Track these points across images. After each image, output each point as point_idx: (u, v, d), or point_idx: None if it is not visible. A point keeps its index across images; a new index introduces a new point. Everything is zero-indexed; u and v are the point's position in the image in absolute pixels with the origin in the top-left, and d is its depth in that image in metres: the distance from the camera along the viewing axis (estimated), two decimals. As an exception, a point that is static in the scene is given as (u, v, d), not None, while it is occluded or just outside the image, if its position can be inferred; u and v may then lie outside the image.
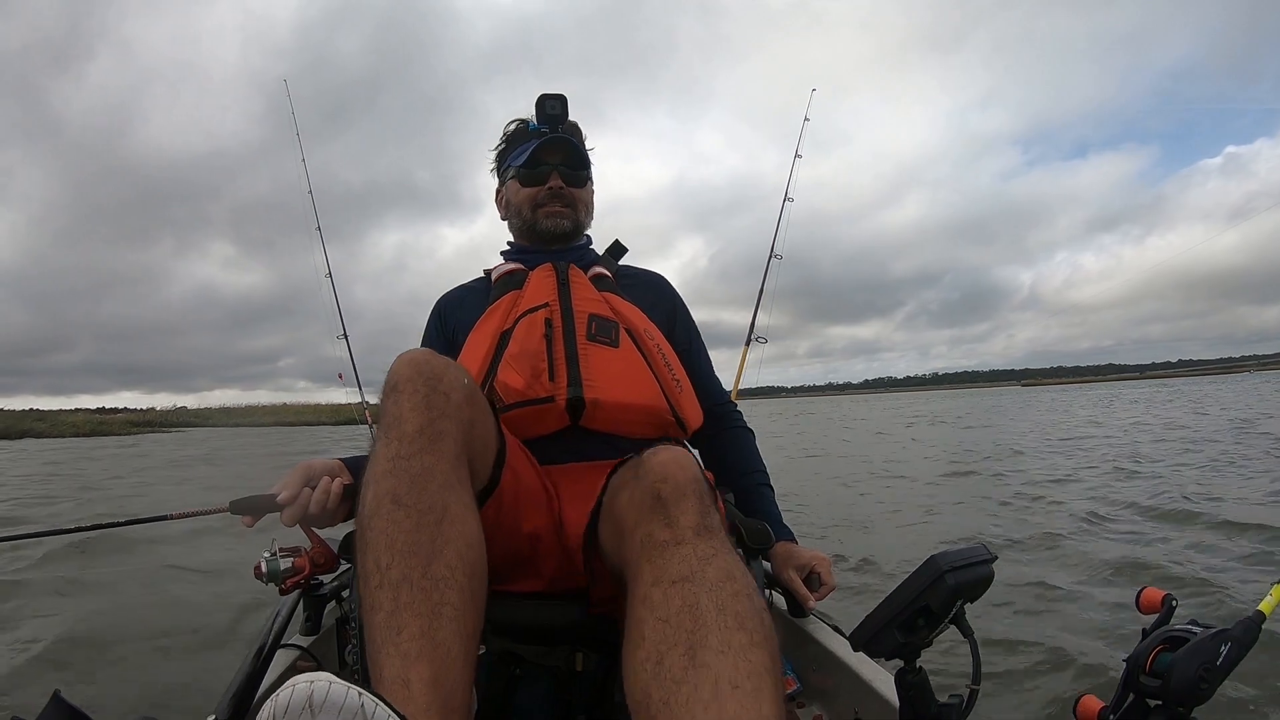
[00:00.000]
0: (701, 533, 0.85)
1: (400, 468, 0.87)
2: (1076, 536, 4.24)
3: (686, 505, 0.87)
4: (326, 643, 1.57)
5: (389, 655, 0.74)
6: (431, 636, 0.75)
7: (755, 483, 1.51)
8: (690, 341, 1.59)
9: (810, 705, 1.44)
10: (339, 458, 1.25)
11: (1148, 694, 0.79)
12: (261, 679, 1.17)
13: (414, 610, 0.77)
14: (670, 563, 0.82)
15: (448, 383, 0.95)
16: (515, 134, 1.59)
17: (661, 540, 0.84)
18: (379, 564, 0.80)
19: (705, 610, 0.76)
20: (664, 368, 1.35)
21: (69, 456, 18.64)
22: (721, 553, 0.83)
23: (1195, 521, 4.43)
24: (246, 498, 1.15)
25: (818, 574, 1.36)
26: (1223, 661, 0.79)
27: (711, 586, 0.78)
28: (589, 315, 1.36)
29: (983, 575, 0.88)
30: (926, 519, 5.26)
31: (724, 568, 0.81)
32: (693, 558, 0.82)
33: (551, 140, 1.50)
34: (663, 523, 0.86)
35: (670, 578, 0.80)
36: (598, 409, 1.27)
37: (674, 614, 0.76)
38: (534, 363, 1.27)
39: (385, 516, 0.83)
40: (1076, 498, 5.55)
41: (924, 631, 0.88)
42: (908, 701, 0.92)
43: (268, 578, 1.20)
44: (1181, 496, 5.26)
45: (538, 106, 1.51)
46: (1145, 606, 0.88)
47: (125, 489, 9.95)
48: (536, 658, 1.18)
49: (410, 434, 0.89)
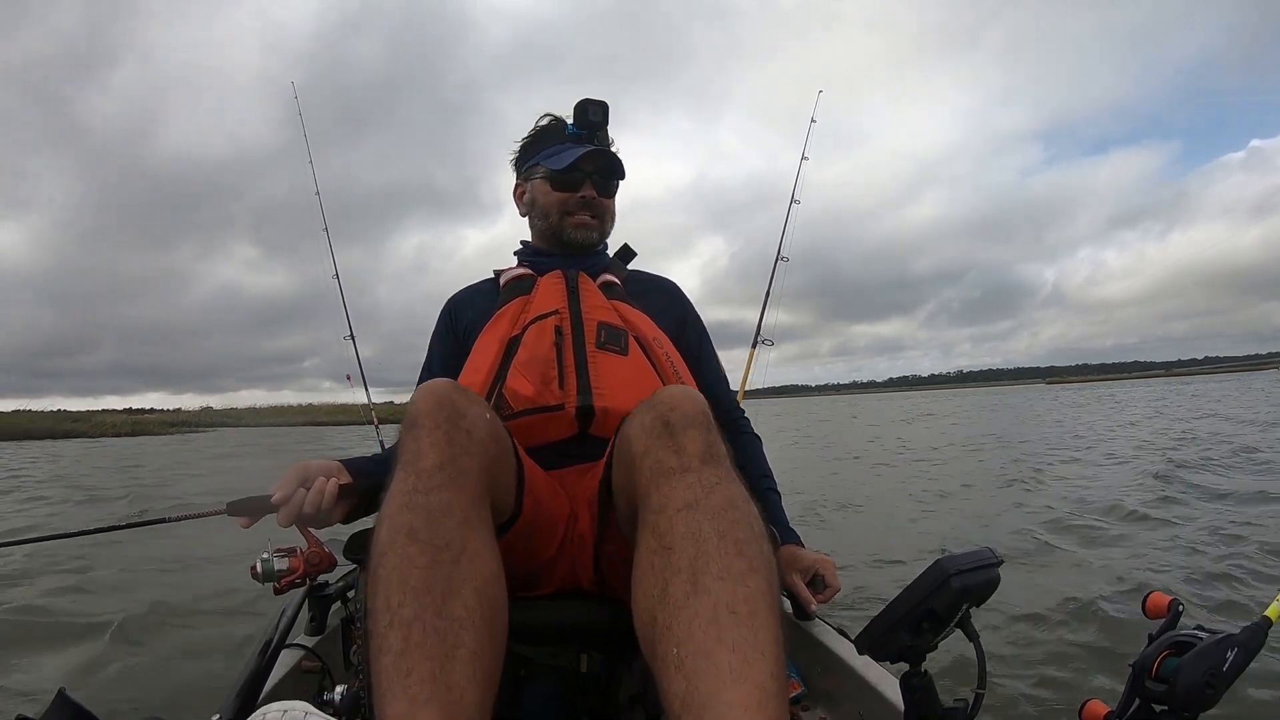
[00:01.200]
0: (707, 460, 0.87)
1: (416, 502, 0.84)
2: (1084, 541, 4.23)
3: (693, 434, 0.89)
4: (331, 643, 1.58)
5: (395, 699, 0.69)
6: (444, 680, 0.71)
7: (762, 487, 1.51)
8: (700, 347, 1.59)
9: (815, 708, 1.44)
10: (339, 459, 1.25)
11: (1154, 699, 0.79)
12: (266, 679, 1.17)
13: (425, 651, 0.72)
14: (676, 489, 0.84)
15: (471, 419, 0.93)
16: (548, 131, 1.55)
17: (669, 467, 0.87)
18: (389, 602, 0.76)
19: (707, 537, 0.79)
20: (673, 376, 1.34)
21: (136, 453, 19.80)
22: (725, 481, 0.86)
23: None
24: (243, 499, 1.15)
25: (822, 576, 1.36)
26: (1229, 667, 0.78)
27: (714, 513, 0.81)
28: (598, 323, 1.35)
29: (989, 579, 0.88)
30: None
31: (727, 495, 0.84)
32: (697, 485, 0.84)
33: (596, 151, 1.47)
34: (670, 449, 0.88)
35: (675, 505, 0.83)
36: (607, 417, 1.26)
37: (678, 541, 0.79)
38: (544, 370, 1.27)
39: (399, 553, 0.79)
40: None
41: (929, 635, 0.88)
42: (913, 705, 0.92)
43: (263, 578, 1.20)
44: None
45: (578, 111, 1.48)
46: (1151, 611, 0.88)
47: (245, 477, 11.05)
48: (541, 658, 1.18)
49: (429, 469, 0.87)
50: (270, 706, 0.58)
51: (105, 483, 10.83)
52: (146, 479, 11.40)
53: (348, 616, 1.50)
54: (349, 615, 1.49)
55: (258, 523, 1.18)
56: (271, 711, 0.58)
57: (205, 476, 11.75)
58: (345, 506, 1.19)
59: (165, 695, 2.42)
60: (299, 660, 1.44)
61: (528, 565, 1.12)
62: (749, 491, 0.88)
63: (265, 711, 0.58)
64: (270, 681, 1.19)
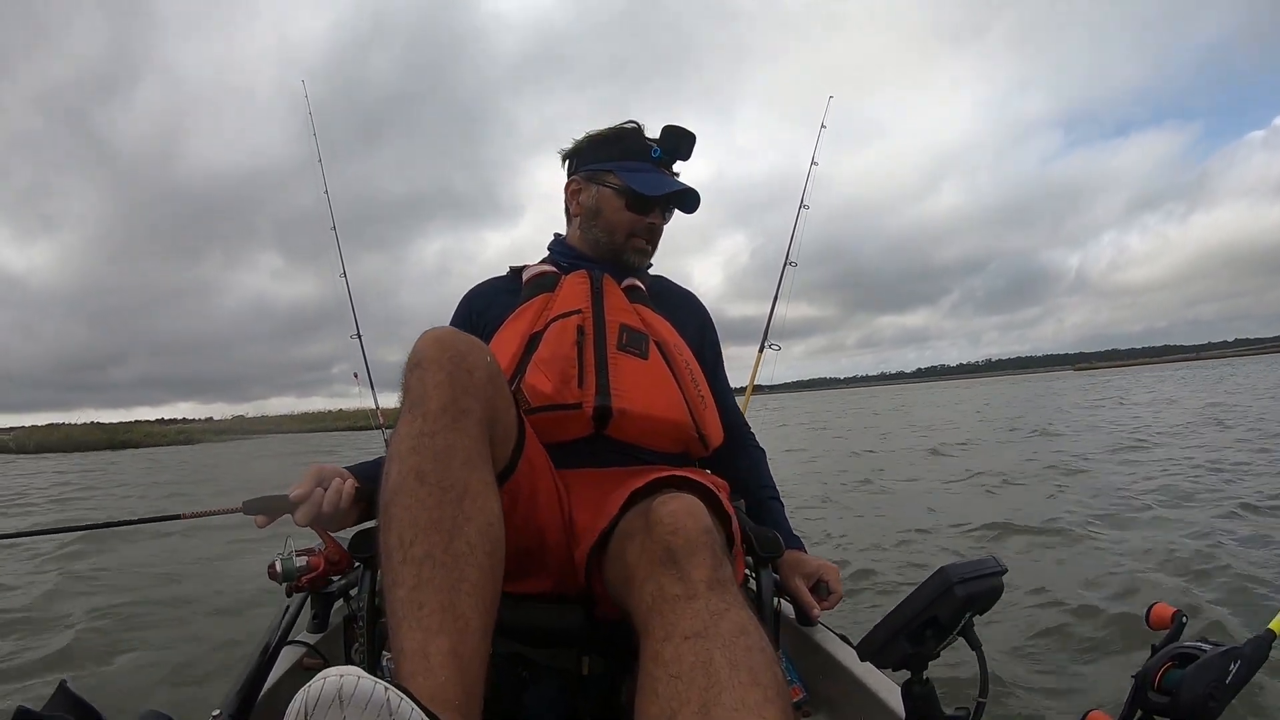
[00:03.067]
0: (714, 586, 0.83)
1: (424, 445, 0.88)
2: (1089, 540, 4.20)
3: (699, 559, 0.85)
4: (333, 640, 1.58)
5: (410, 629, 0.76)
6: (452, 610, 0.77)
7: (766, 496, 1.52)
8: (715, 364, 1.60)
9: (816, 714, 1.44)
10: (346, 466, 1.26)
11: (1156, 710, 0.79)
12: (268, 675, 1.18)
13: (435, 586, 0.78)
14: (682, 618, 0.80)
15: (471, 361, 0.95)
16: (629, 141, 1.51)
17: (673, 595, 0.83)
18: (402, 540, 0.82)
19: (719, 666, 0.74)
20: (690, 383, 1.35)
21: (199, 459, 21.14)
22: (734, 607, 0.82)
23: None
24: (259, 498, 1.15)
25: (825, 582, 1.36)
26: (1232, 680, 0.78)
27: (725, 642, 0.77)
28: (620, 325, 1.35)
29: (993, 587, 0.88)
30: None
31: (737, 622, 0.79)
32: (705, 612, 0.80)
33: (688, 194, 1.49)
34: (674, 577, 0.84)
35: (683, 633, 0.79)
36: (624, 419, 1.26)
37: (686, 670, 0.75)
38: (564, 368, 1.27)
39: (409, 493, 0.85)
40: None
41: (932, 643, 0.88)
42: (914, 713, 0.92)
43: (282, 577, 1.20)
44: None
45: (668, 137, 1.48)
46: (1155, 622, 0.88)
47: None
48: (544, 660, 1.18)
49: (434, 411, 0.90)
50: (329, 670, 0.59)
51: (220, 478, 11.80)
52: (253, 476, 12.29)
53: (350, 614, 1.50)
54: (351, 613, 1.49)
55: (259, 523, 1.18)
56: (331, 675, 0.59)
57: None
58: (359, 508, 1.20)
59: (167, 690, 2.43)
60: (300, 657, 1.44)
61: (522, 547, 1.12)
62: (757, 617, 0.84)
63: (325, 675, 0.59)
64: (271, 678, 1.19)
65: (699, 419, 1.34)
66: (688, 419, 1.32)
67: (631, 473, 1.16)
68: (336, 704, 0.58)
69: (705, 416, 1.35)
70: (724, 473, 1.56)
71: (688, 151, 1.49)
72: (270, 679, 1.19)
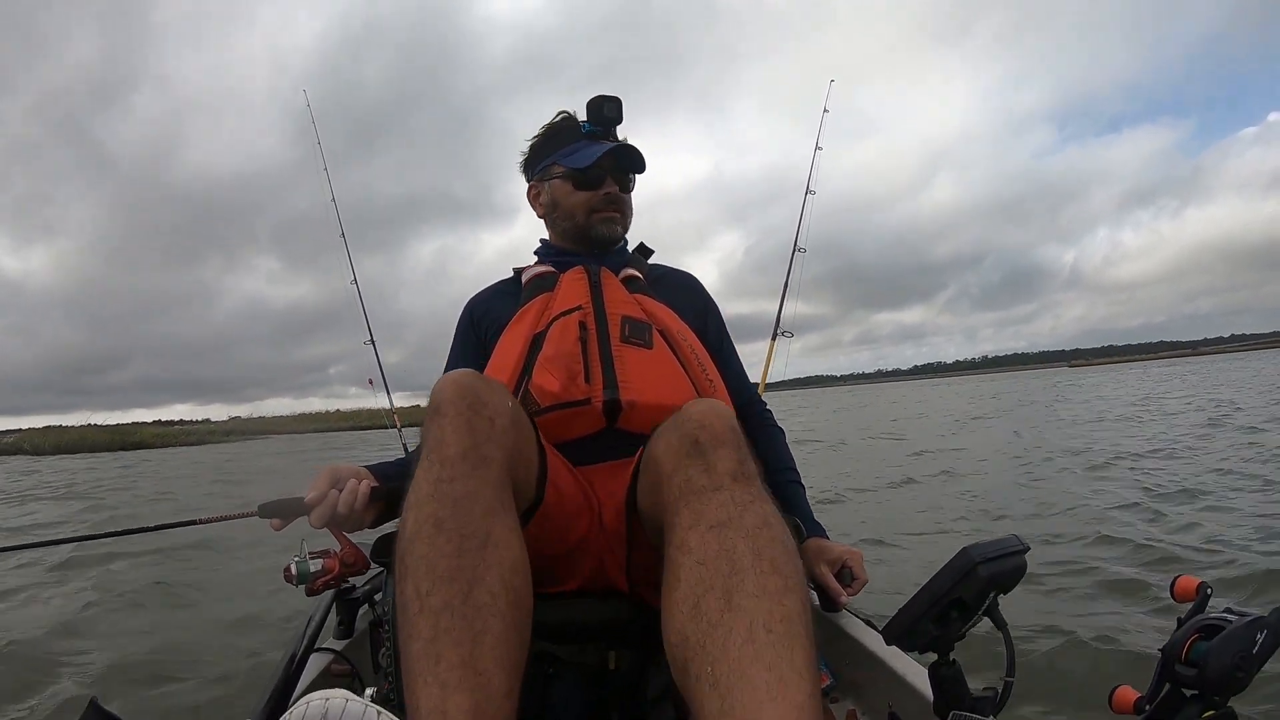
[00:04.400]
0: (739, 479, 0.86)
1: (442, 491, 0.86)
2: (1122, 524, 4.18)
3: (724, 452, 0.88)
4: (360, 646, 1.59)
5: (426, 684, 0.73)
6: (472, 665, 0.74)
7: (786, 480, 1.52)
8: (721, 341, 1.59)
9: (844, 700, 1.44)
10: (364, 465, 1.26)
11: (1183, 684, 0.79)
12: (296, 683, 1.18)
13: (454, 638, 0.75)
14: (708, 507, 0.83)
15: (493, 407, 0.94)
16: (562, 130, 1.55)
17: (700, 485, 0.86)
18: (419, 590, 0.79)
19: (741, 555, 0.77)
20: (698, 368, 1.35)
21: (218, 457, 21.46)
22: (759, 499, 0.85)
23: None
24: (274, 501, 1.16)
25: (850, 569, 1.36)
26: (1259, 650, 0.78)
27: (748, 532, 0.80)
28: (621, 317, 1.36)
29: (1016, 566, 0.88)
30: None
31: (761, 513, 0.82)
32: (730, 503, 0.83)
33: (620, 148, 1.49)
34: (701, 468, 0.87)
35: (708, 522, 0.81)
36: (634, 410, 1.27)
37: (711, 557, 0.78)
38: (569, 365, 1.27)
39: (426, 542, 0.82)
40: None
41: (957, 624, 0.88)
42: (942, 695, 0.92)
43: (298, 580, 1.20)
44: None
45: (593, 107, 1.49)
46: (1180, 594, 0.88)
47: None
48: (570, 656, 1.18)
49: (453, 457, 0.88)
50: (311, 696, 0.59)
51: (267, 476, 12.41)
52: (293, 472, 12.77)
53: (375, 619, 1.51)
54: (377, 618, 1.50)
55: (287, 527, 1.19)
56: (314, 701, 0.59)
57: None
58: (375, 509, 1.21)
59: (197, 701, 2.44)
60: (328, 664, 1.45)
61: (551, 555, 1.12)
62: (781, 511, 0.87)
63: (308, 700, 0.59)
64: (300, 685, 1.20)
65: None
66: None
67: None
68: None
69: (715, 398, 1.35)
70: None
71: (615, 112, 1.50)
72: (299, 686, 1.20)
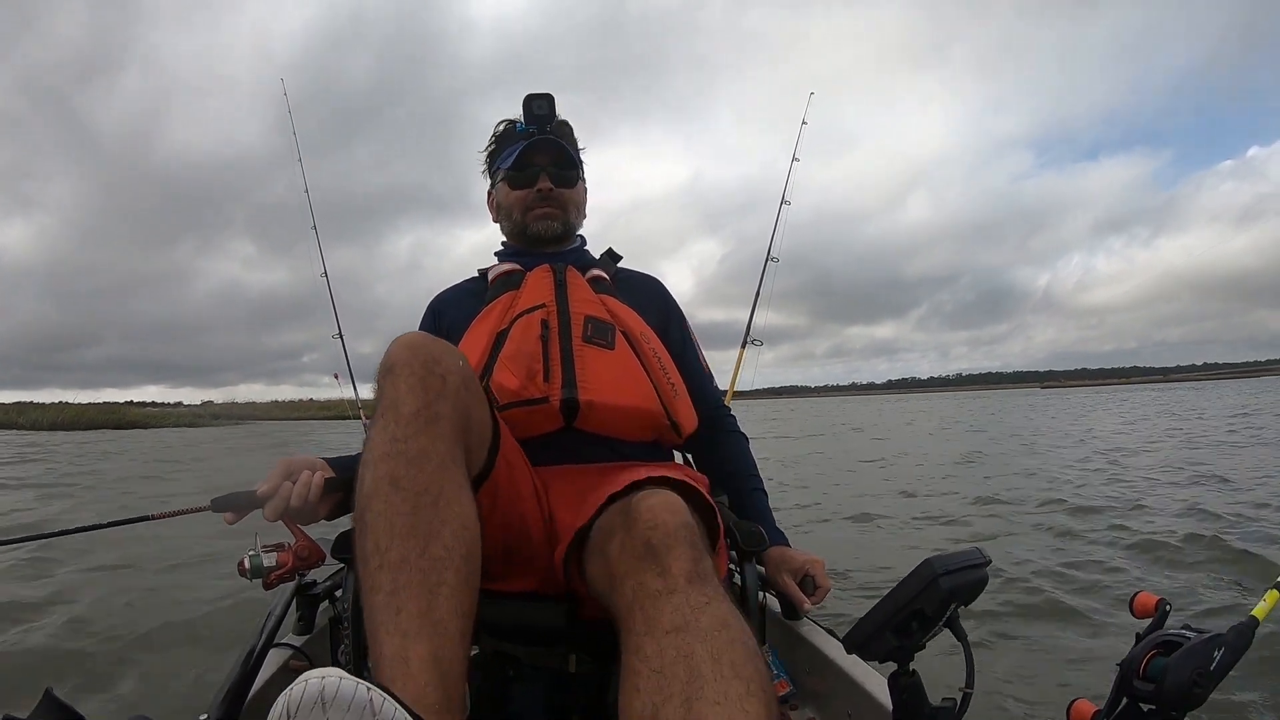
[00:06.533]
0: (694, 580, 0.83)
1: (397, 450, 0.88)
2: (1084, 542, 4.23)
3: (678, 553, 0.85)
4: (319, 642, 1.57)
5: (389, 634, 0.76)
6: (430, 615, 0.78)
7: (750, 487, 1.52)
8: (684, 344, 1.59)
9: (803, 708, 1.44)
10: (324, 456, 1.24)
11: (1141, 698, 0.79)
12: (254, 678, 1.16)
13: (412, 591, 0.79)
14: (663, 612, 0.80)
15: (444, 365, 0.95)
16: (504, 135, 1.59)
17: (654, 590, 0.82)
18: (378, 546, 0.82)
19: (700, 660, 0.74)
20: (659, 371, 1.35)
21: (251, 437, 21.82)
22: (715, 600, 0.81)
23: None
24: (227, 495, 1.14)
25: (812, 577, 1.36)
26: (1216, 666, 0.79)
27: (706, 635, 0.76)
28: (585, 317, 1.36)
29: (977, 579, 0.88)
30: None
31: (718, 615, 0.79)
32: (685, 606, 0.80)
33: (539, 141, 1.50)
34: (655, 572, 0.84)
35: (664, 628, 0.78)
36: (592, 411, 1.27)
37: (668, 664, 0.75)
38: (529, 363, 1.28)
39: (383, 499, 0.85)
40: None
41: (917, 635, 0.88)
42: (901, 704, 0.92)
43: (251, 574, 1.18)
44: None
45: (525, 107, 1.51)
46: (1139, 611, 0.89)
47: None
48: (530, 658, 1.17)
49: (407, 416, 0.90)
50: (310, 673, 0.59)
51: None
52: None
53: (335, 615, 1.49)
54: (337, 614, 1.48)
55: (238, 519, 1.17)
56: (312, 678, 0.59)
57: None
58: (331, 501, 1.19)
59: (152, 694, 2.40)
60: (287, 659, 1.43)
61: (504, 543, 1.12)
62: (740, 610, 0.84)
63: (307, 678, 0.59)
64: (258, 681, 1.18)
65: (670, 407, 1.34)
66: (658, 407, 1.33)
67: (609, 471, 1.15)
68: (319, 706, 0.58)
69: (676, 404, 1.36)
70: (705, 460, 1.56)
71: (545, 108, 1.51)
72: (257, 682, 1.18)
